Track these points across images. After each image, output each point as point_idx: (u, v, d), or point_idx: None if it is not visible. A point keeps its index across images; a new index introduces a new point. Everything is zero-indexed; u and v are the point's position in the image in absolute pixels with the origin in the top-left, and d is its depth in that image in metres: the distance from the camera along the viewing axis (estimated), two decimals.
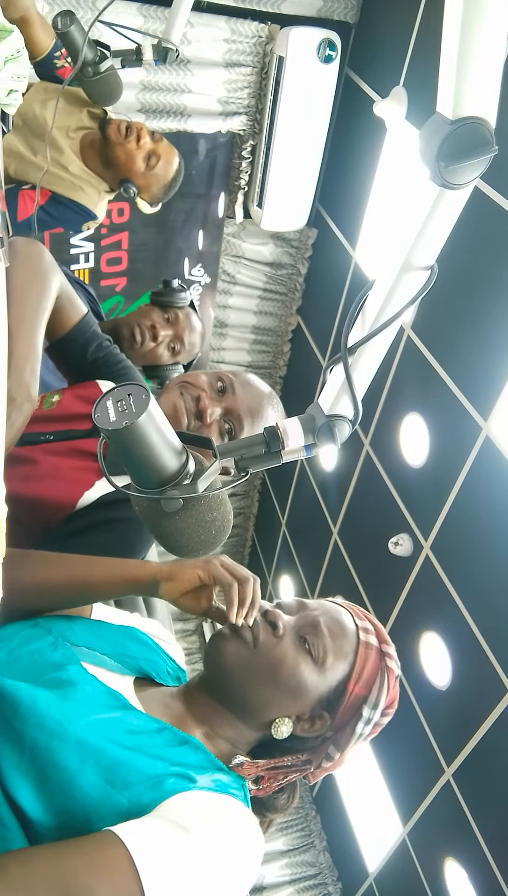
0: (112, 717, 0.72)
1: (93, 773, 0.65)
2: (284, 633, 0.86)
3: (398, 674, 0.89)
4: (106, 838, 0.60)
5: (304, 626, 0.87)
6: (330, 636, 0.86)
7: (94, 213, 1.97)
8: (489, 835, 2.55)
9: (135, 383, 0.69)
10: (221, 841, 0.66)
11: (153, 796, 0.66)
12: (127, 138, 1.86)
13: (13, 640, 0.81)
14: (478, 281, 2.36)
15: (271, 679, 0.83)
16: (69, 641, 0.83)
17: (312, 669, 0.85)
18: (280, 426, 0.82)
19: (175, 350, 1.87)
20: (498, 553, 2.34)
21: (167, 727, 0.77)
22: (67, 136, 1.92)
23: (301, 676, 0.84)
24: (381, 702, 0.87)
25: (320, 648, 0.85)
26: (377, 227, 3.15)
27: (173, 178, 1.97)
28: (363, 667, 0.87)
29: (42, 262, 1.07)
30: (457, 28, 0.57)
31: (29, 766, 0.64)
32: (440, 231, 0.71)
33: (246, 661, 0.83)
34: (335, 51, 2.96)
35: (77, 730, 0.67)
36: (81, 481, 1.14)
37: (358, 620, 0.91)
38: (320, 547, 3.89)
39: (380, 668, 0.88)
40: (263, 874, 3.97)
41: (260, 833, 0.73)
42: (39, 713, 0.66)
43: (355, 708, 0.87)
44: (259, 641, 0.84)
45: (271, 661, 0.83)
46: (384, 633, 0.92)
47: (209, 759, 0.77)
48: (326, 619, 0.88)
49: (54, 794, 0.64)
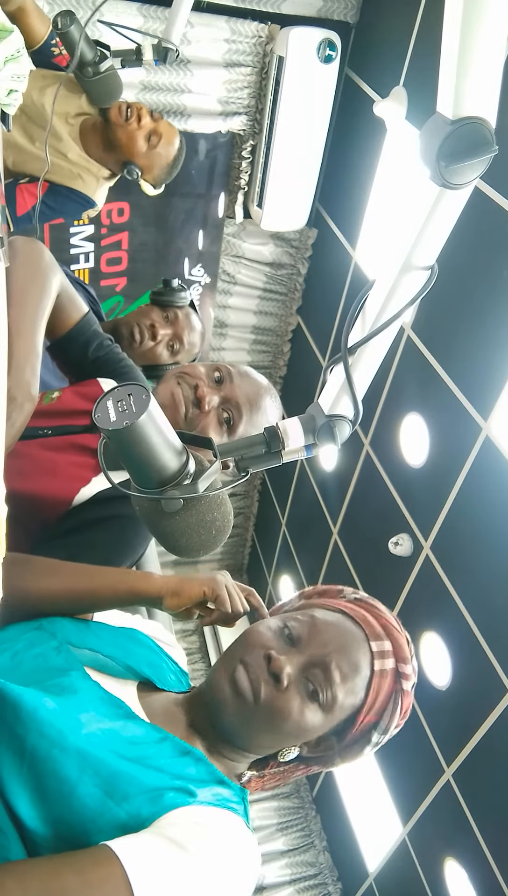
0: (114, 727, 0.72)
1: (92, 785, 0.65)
2: (288, 685, 0.78)
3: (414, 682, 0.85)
4: (102, 854, 0.60)
5: (312, 669, 0.79)
6: (341, 679, 0.79)
7: (93, 201, 1.96)
8: (489, 835, 2.54)
9: (135, 383, 0.69)
10: (217, 860, 0.65)
11: (152, 810, 0.66)
12: (127, 119, 1.85)
13: (17, 643, 0.80)
14: (478, 281, 2.36)
15: (273, 729, 0.79)
16: (72, 645, 0.82)
17: (319, 716, 0.79)
18: (281, 426, 0.82)
19: (174, 349, 1.86)
20: (498, 553, 2.34)
21: (169, 737, 0.76)
22: (66, 123, 1.91)
23: (307, 724, 0.79)
24: (392, 726, 0.84)
25: (328, 695, 0.79)
26: (377, 227, 3.15)
27: (176, 158, 1.96)
28: (375, 697, 0.81)
29: (42, 261, 1.07)
30: (457, 28, 0.58)
31: (29, 774, 0.64)
32: (440, 231, 0.71)
33: (247, 715, 0.78)
34: (335, 51, 2.96)
35: (77, 739, 0.66)
36: (78, 477, 1.14)
37: (375, 643, 0.82)
38: (320, 547, 3.89)
39: (394, 692, 0.83)
40: (263, 874, 3.97)
41: (257, 851, 0.72)
42: (41, 720, 0.66)
43: (363, 733, 0.84)
44: (260, 698, 0.78)
45: (274, 715, 0.78)
46: (402, 649, 0.84)
47: (210, 770, 0.77)
48: (338, 658, 0.80)
49: (52, 804, 0.64)
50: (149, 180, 1.96)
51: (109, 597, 0.88)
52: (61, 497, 1.12)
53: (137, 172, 1.91)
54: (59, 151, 1.88)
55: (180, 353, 1.88)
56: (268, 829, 4.19)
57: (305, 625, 0.83)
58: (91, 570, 0.90)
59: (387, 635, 0.84)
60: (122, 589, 0.88)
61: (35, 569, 0.89)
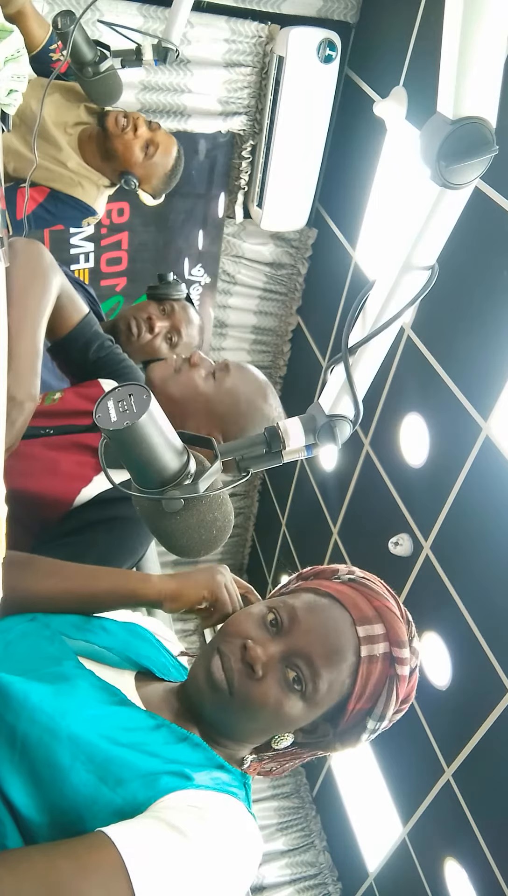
0: (106, 713, 0.71)
1: (85, 771, 0.64)
2: (264, 674, 0.76)
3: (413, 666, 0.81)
4: (97, 840, 0.59)
5: (291, 657, 0.77)
6: (324, 667, 0.76)
7: (93, 209, 1.97)
8: (489, 835, 2.55)
9: (136, 383, 0.69)
10: (216, 844, 0.64)
11: (148, 794, 0.65)
12: (124, 129, 1.86)
13: (10, 633, 0.80)
14: (478, 281, 2.36)
15: (252, 719, 0.77)
16: (67, 636, 0.82)
17: (300, 706, 0.77)
18: (281, 426, 0.82)
19: (173, 341, 1.83)
20: (498, 553, 2.34)
21: (166, 723, 0.75)
22: (64, 133, 1.91)
23: (287, 714, 0.77)
24: (388, 712, 0.79)
25: (310, 686, 0.76)
26: (377, 227, 3.15)
27: (173, 167, 1.95)
28: (365, 684, 0.77)
29: (42, 261, 1.07)
30: (457, 28, 0.57)
31: (21, 762, 0.63)
32: (440, 231, 0.71)
33: (224, 706, 0.77)
34: (335, 51, 2.96)
35: (69, 725, 0.66)
36: (79, 477, 1.14)
37: (363, 628, 0.78)
38: (320, 547, 3.89)
39: (387, 678, 0.78)
40: (263, 874, 3.97)
41: (258, 835, 0.71)
42: (31, 707, 0.65)
43: (358, 720, 0.80)
44: (234, 688, 0.76)
45: (250, 705, 0.76)
46: (397, 632, 0.79)
47: (209, 756, 0.76)
48: (320, 646, 0.76)
49: (46, 791, 0.63)
50: (147, 190, 1.97)
51: (110, 599, 0.88)
52: (63, 497, 1.12)
53: (134, 182, 1.92)
54: (58, 161, 1.89)
55: (179, 345, 1.85)
56: (268, 829, 4.19)
57: (288, 610, 0.80)
58: (91, 572, 0.90)
59: (380, 617, 0.79)
60: (121, 592, 0.88)
61: (36, 569, 0.89)
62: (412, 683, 0.81)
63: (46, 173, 1.88)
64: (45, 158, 1.88)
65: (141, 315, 1.83)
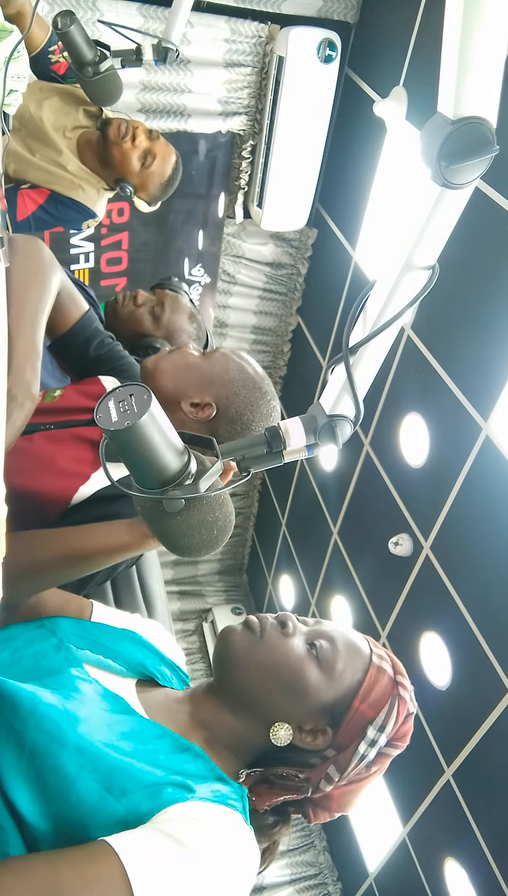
0: (112, 722, 0.72)
1: (91, 780, 0.65)
2: (293, 633, 0.86)
3: (411, 710, 0.86)
4: (100, 850, 0.60)
5: (315, 635, 0.87)
6: (343, 649, 0.86)
7: (93, 212, 1.97)
8: (489, 835, 2.55)
9: (137, 383, 0.69)
10: (215, 856, 0.65)
11: (151, 805, 0.66)
12: (123, 138, 1.86)
13: (17, 640, 0.81)
14: (478, 281, 2.36)
15: (273, 673, 0.83)
16: (72, 644, 0.83)
17: (317, 674, 0.83)
18: (282, 426, 0.82)
19: (155, 314, 1.79)
20: (498, 553, 2.34)
21: (169, 733, 0.76)
22: (64, 136, 1.92)
23: (304, 677, 0.83)
24: (388, 727, 0.83)
25: (327, 655, 0.84)
26: (378, 227, 3.15)
27: (170, 177, 1.96)
28: (372, 686, 0.84)
29: (42, 259, 1.07)
30: (458, 28, 0.58)
31: (28, 769, 0.64)
32: (441, 231, 0.71)
33: (250, 649, 0.84)
34: (335, 51, 2.96)
35: (76, 735, 0.66)
36: (76, 474, 1.14)
37: (374, 648, 0.89)
38: (320, 547, 3.89)
39: (391, 696, 0.85)
40: (262, 874, 3.97)
41: (256, 847, 0.72)
42: (40, 715, 0.66)
43: (359, 727, 0.83)
44: (266, 632, 0.85)
45: (275, 655, 0.84)
46: (400, 668, 0.89)
47: (210, 767, 0.76)
48: (340, 635, 0.88)
49: (52, 799, 0.64)
50: (143, 198, 1.97)
51: (102, 555, 0.91)
52: (60, 495, 1.12)
53: (129, 190, 1.92)
54: (58, 164, 1.89)
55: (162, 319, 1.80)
56: None
57: (310, 622, 0.91)
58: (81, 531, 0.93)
59: (386, 653, 0.91)
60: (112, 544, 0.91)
61: (27, 541, 0.91)
62: (409, 725, 0.87)
63: (47, 175, 1.89)
64: (45, 161, 1.89)
65: (130, 293, 1.84)
